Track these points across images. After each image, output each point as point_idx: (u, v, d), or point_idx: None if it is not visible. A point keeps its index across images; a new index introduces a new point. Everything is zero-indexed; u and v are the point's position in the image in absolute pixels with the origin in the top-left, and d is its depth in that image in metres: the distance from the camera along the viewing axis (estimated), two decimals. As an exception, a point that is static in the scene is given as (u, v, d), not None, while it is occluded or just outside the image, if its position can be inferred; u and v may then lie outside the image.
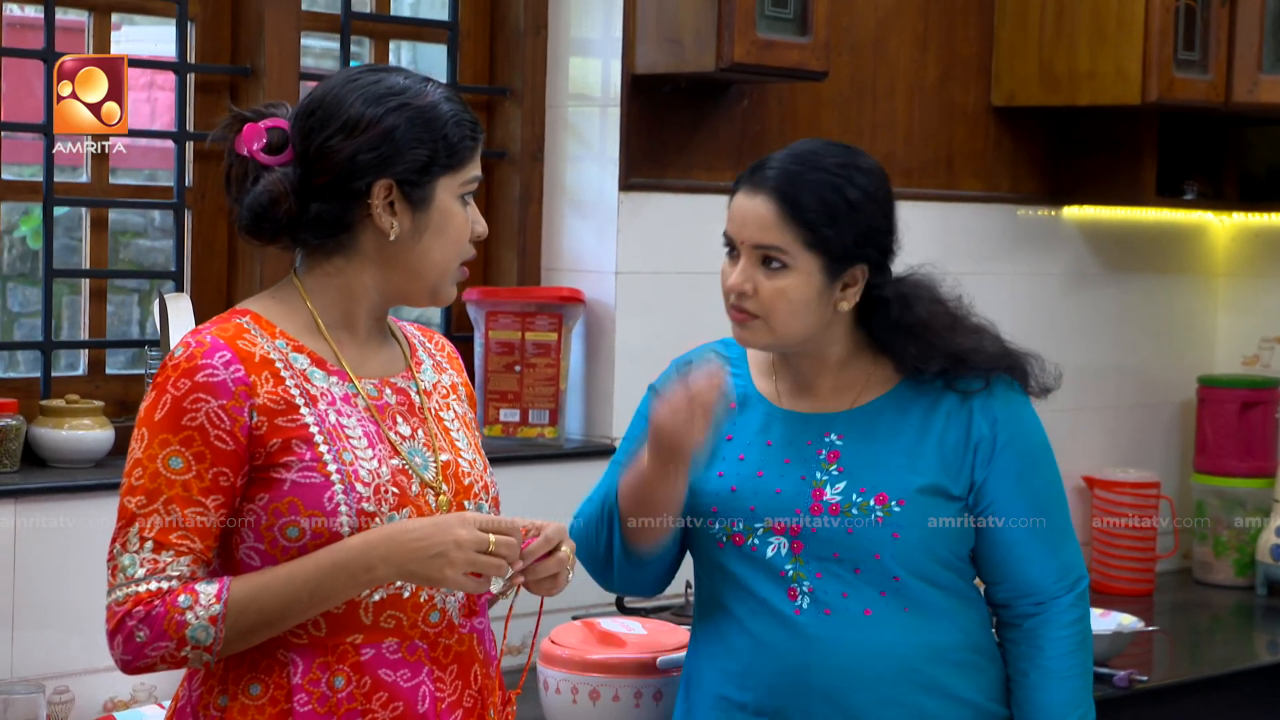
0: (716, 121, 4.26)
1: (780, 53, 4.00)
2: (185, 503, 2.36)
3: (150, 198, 4.04)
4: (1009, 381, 2.99)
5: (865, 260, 2.91)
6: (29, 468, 3.45)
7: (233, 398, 2.38)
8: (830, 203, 2.86)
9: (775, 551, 2.92)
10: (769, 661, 2.91)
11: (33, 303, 5.88)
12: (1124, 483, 5.01)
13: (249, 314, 2.49)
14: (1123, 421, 5.23)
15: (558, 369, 4.05)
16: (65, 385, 3.61)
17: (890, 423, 2.95)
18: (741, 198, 2.91)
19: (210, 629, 2.34)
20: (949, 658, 2.93)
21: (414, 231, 2.47)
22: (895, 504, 2.89)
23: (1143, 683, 3.98)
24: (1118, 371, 5.21)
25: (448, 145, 2.46)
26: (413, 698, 2.45)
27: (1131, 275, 5.23)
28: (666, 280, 4.17)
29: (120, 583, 2.36)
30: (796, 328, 2.90)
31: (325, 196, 2.46)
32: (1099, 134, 4.95)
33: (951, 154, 4.78)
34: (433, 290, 2.52)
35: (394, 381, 2.55)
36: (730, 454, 2.98)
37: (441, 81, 2.53)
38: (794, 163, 2.90)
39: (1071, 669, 2.98)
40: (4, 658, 3.28)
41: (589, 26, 4.15)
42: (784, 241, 2.86)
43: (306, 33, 3.91)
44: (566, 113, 4.19)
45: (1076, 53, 4.68)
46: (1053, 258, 5.04)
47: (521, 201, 4.18)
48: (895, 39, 4.63)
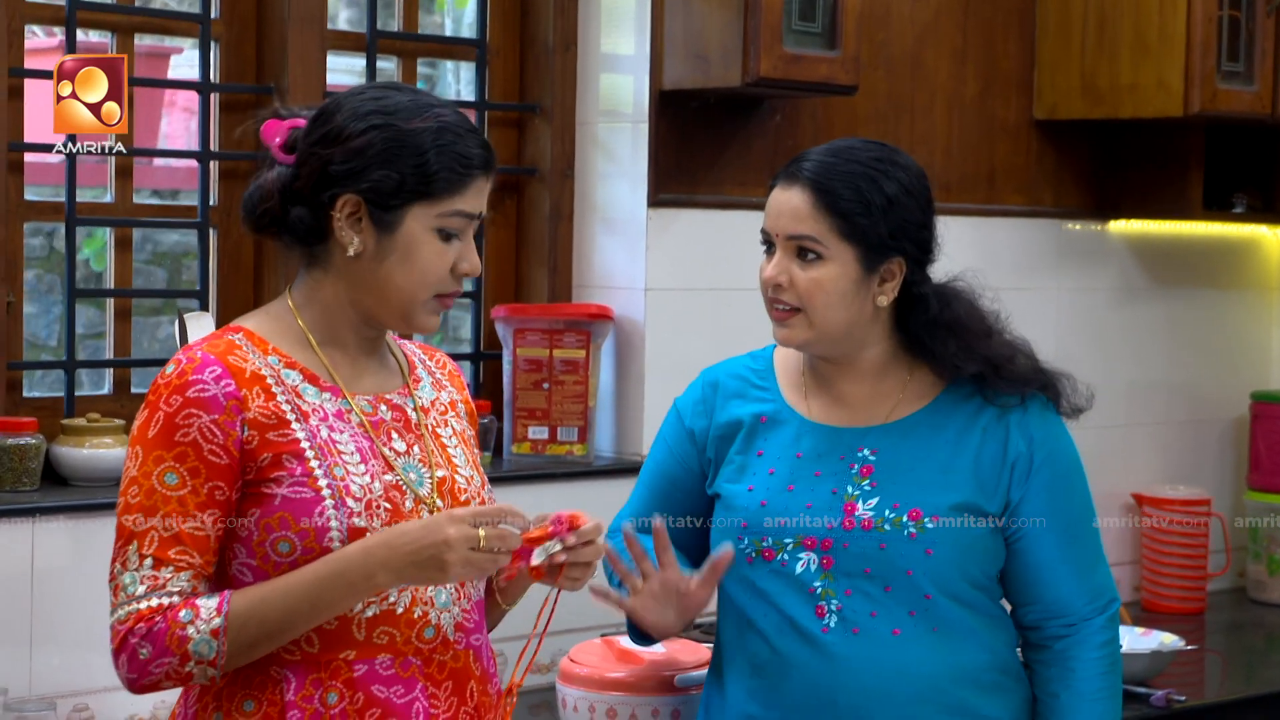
0: (749, 137, 4.24)
1: (808, 67, 3.98)
2: (183, 517, 2.36)
3: (175, 216, 4.05)
4: (1044, 401, 2.95)
5: (902, 254, 2.87)
6: (49, 486, 3.46)
7: (224, 412, 2.38)
8: (865, 193, 2.83)
9: (805, 567, 2.88)
10: (794, 680, 2.87)
11: (97, 324, 5.92)
12: (1174, 500, 4.94)
13: (242, 331, 2.49)
14: (1173, 438, 5.16)
15: (586, 386, 4.04)
16: (89, 404, 3.62)
17: (925, 438, 2.91)
18: (778, 191, 2.89)
19: (212, 642, 2.33)
20: (976, 679, 2.88)
21: (378, 253, 2.45)
22: (929, 520, 2.85)
23: (1181, 703, 3.92)
24: (1168, 387, 5.14)
25: (423, 173, 2.42)
26: (406, 714, 2.43)
27: (1181, 290, 5.16)
28: (697, 296, 4.14)
29: (122, 601, 2.36)
30: (835, 320, 2.86)
31: (301, 202, 2.46)
32: (1144, 147, 4.89)
33: (993, 168, 4.73)
34: (402, 316, 2.48)
35: (389, 398, 2.54)
36: (760, 468, 2.94)
37: (459, 111, 2.49)
38: (830, 155, 2.88)
39: (1102, 691, 2.93)
40: (23, 676, 3.29)
41: (618, 42, 4.14)
42: (819, 231, 2.83)
43: (333, 52, 3.91)
44: (596, 129, 4.18)
45: (1119, 65, 4.63)
46: (1099, 272, 4.99)
47: (552, 219, 4.17)
48: (933, 53, 4.59)
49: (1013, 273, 4.75)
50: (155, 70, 3.78)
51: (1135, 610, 4.91)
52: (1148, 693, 3.91)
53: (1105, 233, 4.99)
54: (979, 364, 2.90)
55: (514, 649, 3.84)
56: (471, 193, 2.46)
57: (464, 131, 2.46)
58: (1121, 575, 5.03)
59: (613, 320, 4.09)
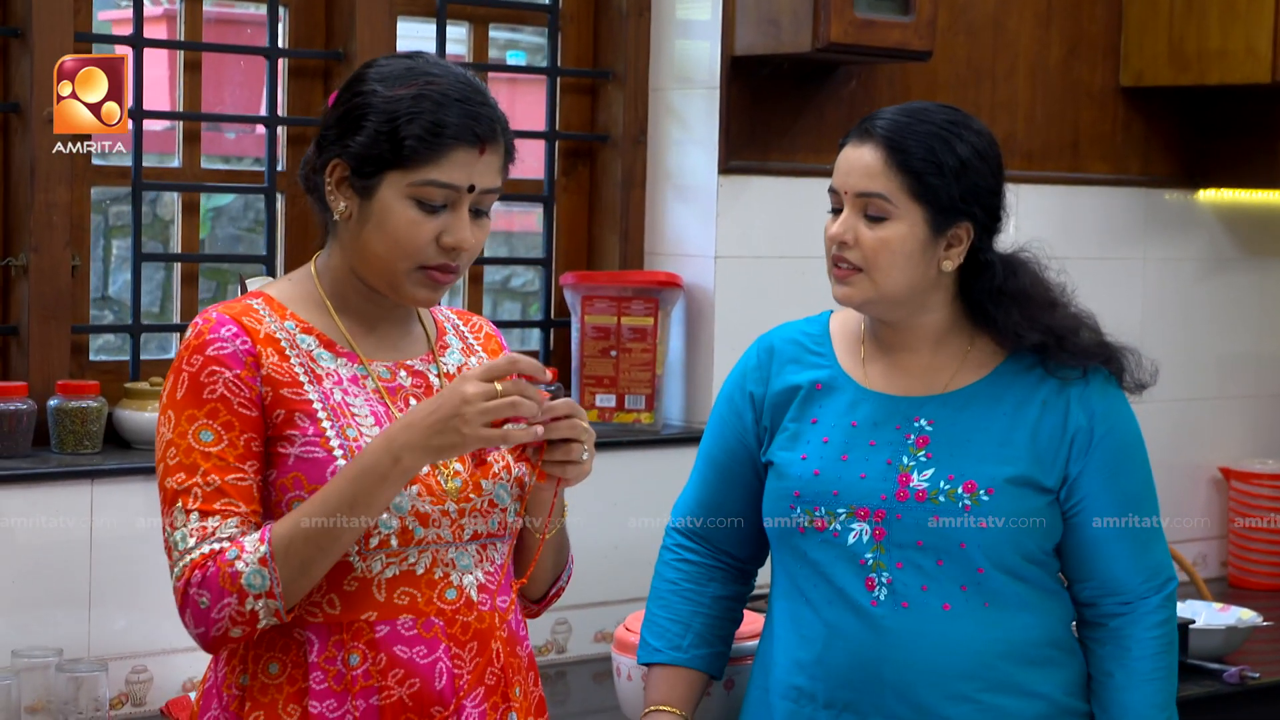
0: (823, 103, 4.19)
1: (880, 32, 3.93)
2: (224, 470, 2.37)
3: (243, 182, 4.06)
4: (1106, 375, 2.90)
5: (971, 218, 2.83)
6: (111, 449, 3.49)
7: (245, 367, 2.40)
8: (939, 154, 2.79)
9: (857, 538, 2.84)
10: (842, 652, 2.84)
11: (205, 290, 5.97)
12: (1262, 474, 4.86)
13: (262, 296, 2.51)
14: (1263, 411, 5.06)
15: (654, 354, 4.02)
16: (154, 368, 3.65)
17: (983, 409, 2.87)
18: (849, 149, 2.86)
19: (263, 571, 2.33)
20: (1027, 654, 2.84)
21: (359, 219, 2.45)
22: (984, 493, 2.81)
23: (1255, 679, 3.85)
24: (1257, 359, 5.05)
25: (394, 140, 2.40)
26: (429, 674, 2.42)
27: (1273, 260, 5.06)
28: (767, 264, 4.11)
29: (176, 559, 2.37)
30: (899, 281, 2.82)
31: (314, 166, 2.49)
32: (1235, 114, 4.80)
33: (1077, 136, 4.66)
34: (389, 285, 2.47)
35: (410, 364, 2.53)
36: (814, 436, 2.91)
37: (468, 81, 2.45)
38: (904, 115, 2.84)
39: (1158, 671, 2.88)
40: (81, 637, 3.32)
41: (691, 7, 4.10)
42: (888, 189, 2.79)
43: (403, 17, 3.91)
44: (669, 95, 4.15)
45: (1207, 30, 4.54)
46: (1188, 242, 4.90)
47: (624, 185, 4.15)
48: (1015, 18, 4.52)
49: (1097, 243, 4.68)
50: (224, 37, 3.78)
51: (1221, 586, 4.85)
52: (1221, 669, 3.85)
53: (1194, 202, 4.90)
54: (1041, 334, 2.85)
55: (576, 616, 3.89)
56: (451, 163, 2.41)
57: (450, 100, 2.42)
58: (1208, 550, 4.96)
59: (682, 288, 4.06)
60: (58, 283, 3.48)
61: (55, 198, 3.47)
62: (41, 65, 3.41)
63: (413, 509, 2.42)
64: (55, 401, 3.43)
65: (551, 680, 3.80)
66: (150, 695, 3.38)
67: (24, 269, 3.47)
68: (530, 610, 2.68)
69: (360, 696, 2.40)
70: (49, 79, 3.40)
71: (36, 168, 3.44)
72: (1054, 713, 2.86)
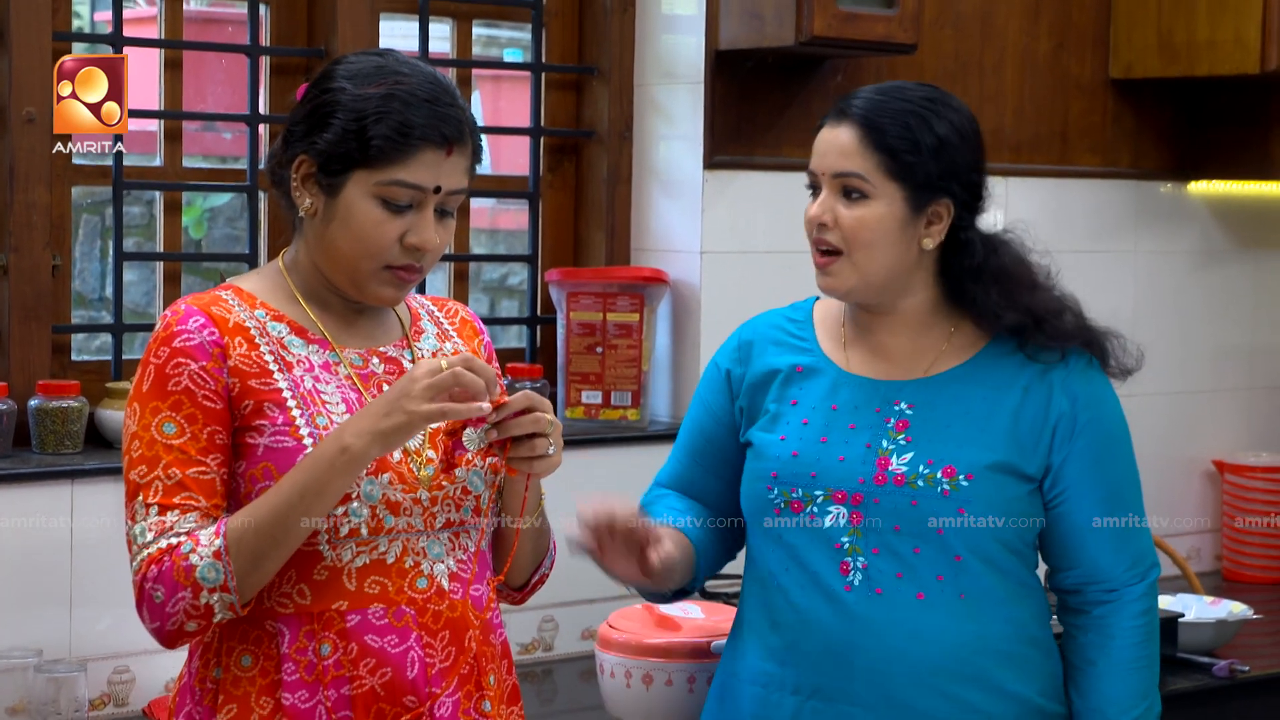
0: (808, 97, 4.18)
1: (864, 25, 3.92)
2: (185, 464, 2.37)
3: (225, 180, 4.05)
4: (1088, 358, 2.88)
5: (950, 196, 2.81)
6: (92, 449, 3.48)
7: (211, 358, 2.39)
8: (915, 132, 2.78)
9: (834, 521, 2.81)
10: (813, 638, 2.81)
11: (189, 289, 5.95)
12: (1256, 467, 4.84)
13: (231, 288, 2.51)
14: (1256, 404, 5.04)
15: (639, 350, 4.00)
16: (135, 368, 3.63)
17: (963, 394, 2.85)
18: (825, 130, 2.85)
19: (217, 564, 2.33)
20: (999, 649, 2.81)
21: (325, 216, 2.45)
22: (963, 478, 2.79)
23: (1244, 673, 3.83)
24: (1250, 352, 5.03)
25: (362, 139, 2.40)
26: (401, 663, 2.42)
27: (1266, 252, 5.04)
28: (753, 259, 4.10)
29: (135, 553, 2.38)
30: (880, 262, 2.80)
31: (282, 161, 2.49)
32: (1226, 105, 4.78)
33: (1066, 128, 4.64)
34: (352, 283, 2.47)
35: (383, 350, 2.53)
36: (794, 418, 2.88)
37: (437, 81, 2.45)
38: (880, 94, 2.83)
39: (1140, 660, 2.86)
40: (63, 637, 3.31)
41: (676, 2, 4.09)
42: (865, 169, 2.78)
43: (385, 14, 3.90)
44: (653, 91, 4.14)
45: (1195, 21, 4.52)
46: (1179, 235, 4.88)
47: (609, 181, 4.14)
48: (1003, 10, 4.51)
49: (1088, 235, 4.67)
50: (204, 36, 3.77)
51: (1215, 579, 4.83)
52: (1210, 662, 3.83)
53: (1185, 194, 4.89)
54: (1020, 314, 2.83)
55: (562, 614, 3.88)
56: (418, 164, 2.42)
57: (418, 101, 2.42)
58: (1202, 544, 4.94)
59: (668, 284, 4.05)
60: (38, 283, 3.48)
61: (35, 198, 3.46)
62: (20, 64, 3.41)
63: (384, 497, 2.42)
64: (36, 401, 3.42)
65: (538, 678, 3.79)
66: (132, 695, 3.37)
67: (4, 269, 3.46)
68: (513, 598, 2.68)
69: (332, 686, 2.40)
70: (28, 78, 3.41)
71: (16, 168, 3.44)
72: (1027, 714, 2.83)
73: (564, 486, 2.60)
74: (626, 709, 3.26)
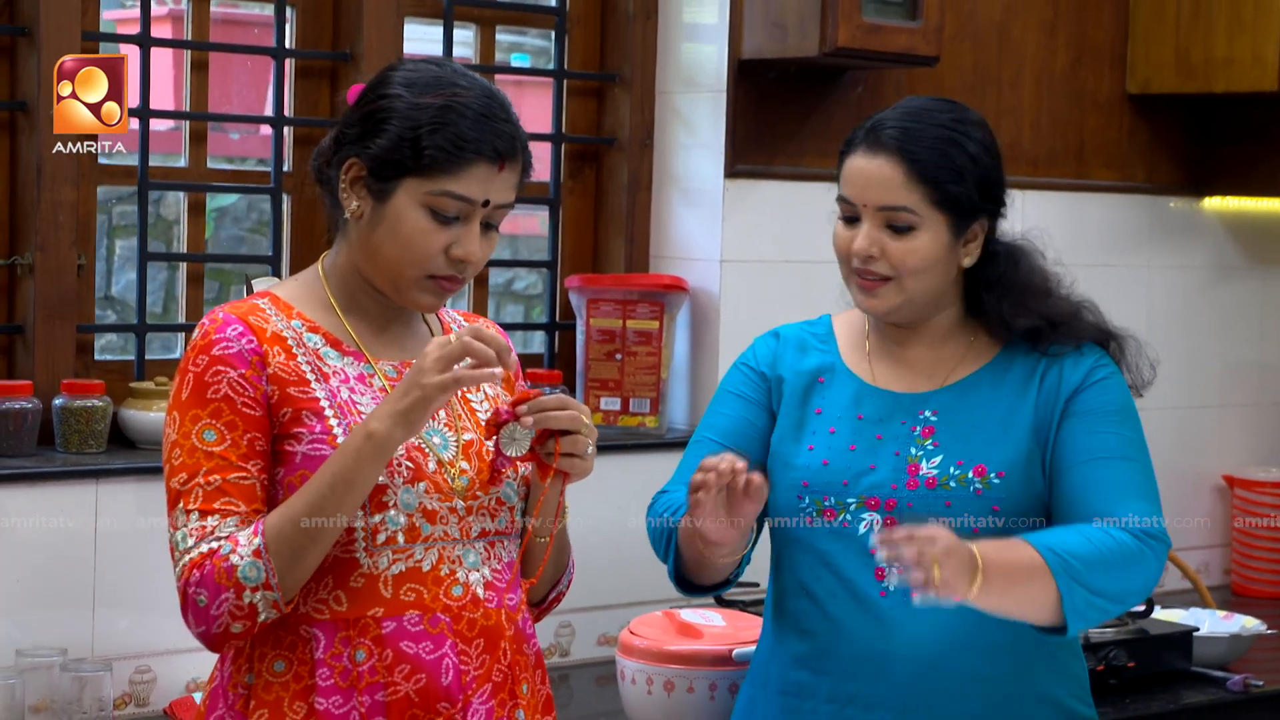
0: (830, 108, 4.19)
1: (888, 37, 3.93)
2: (225, 470, 2.38)
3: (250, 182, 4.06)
4: (1101, 352, 2.89)
5: (986, 214, 2.84)
6: (116, 448, 3.49)
7: (250, 366, 2.40)
8: (954, 158, 2.79)
9: (868, 528, 2.81)
10: (847, 645, 2.82)
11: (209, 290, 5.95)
12: (1265, 482, 4.86)
13: (268, 296, 2.52)
14: (1266, 419, 5.06)
15: (659, 357, 4.01)
16: (159, 368, 3.64)
17: (985, 395, 2.86)
18: (861, 159, 2.83)
19: (258, 563, 2.34)
20: (1032, 650, 2.81)
21: (372, 221, 2.46)
22: (995, 476, 2.80)
23: (1259, 688, 3.85)
24: (1261, 368, 5.04)
25: (416, 148, 2.41)
26: (436, 670, 2.43)
27: (1276, 268, 5.06)
28: (773, 269, 4.11)
29: (177, 559, 2.39)
30: (928, 286, 2.82)
31: (331, 162, 2.50)
32: (1241, 122, 4.80)
33: (1083, 143, 4.66)
34: (394, 288, 2.48)
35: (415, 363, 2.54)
36: (820, 427, 2.89)
37: (493, 95, 2.46)
38: (909, 119, 2.82)
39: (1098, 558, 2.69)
40: (85, 637, 3.32)
41: (699, 11, 4.10)
42: (912, 202, 2.79)
43: (410, 18, 3.90)
44: (675, 99, 4.15)
45: (1213, 39, 4.55)
46: (1193, 250, 4.90)
47: (630, 189, 4.15)
48: (1021, 24, 4.53)
49: (1102, 250, 4.68)
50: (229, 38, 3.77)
51: (1224, 594, 4.84)
52: (1225, 676, 3.84)
53: (1199, 209, 4.90)
54: (1034, 319, 2.85)
55: (579, 619, 3.89)
56: (469, 177, 2.43)
57: (474, 114, 2.43)
58: (1211, 558, 4.96)
59: (687, 292, 4.06)
60: (63, 282, 3.48)
61: (61, 197, 3.46)
62: (48, 64, 3.41)
63: (420, 506, 2.43)
64: (60, 401, 3.42)
65: (555, 684, 3.76)
66: (154, 696, 3.38)
67: (30, 268, 3.47)
68: (530, 615, 2.68)
69: (367, 693, 2.41)
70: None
71: (43, 167, 3.44)
72: (1059, 716, 2.85)
73: (580, 492, 2.60)
74: (647, 715, 3.27)
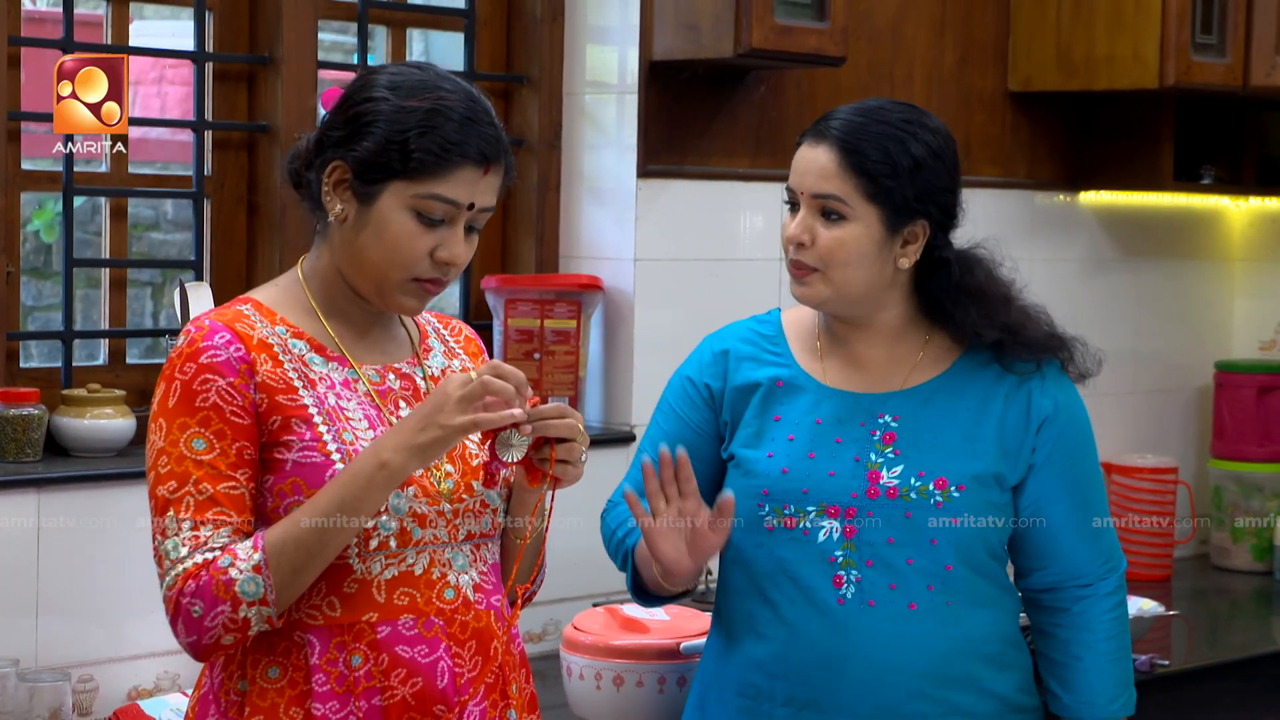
0: (735, 108, 4.25)
1: (798, 38, 4.00)
2: (216, 479, 2.38)
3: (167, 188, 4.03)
4: (1058, 366, 2.97)
5: (926, 217, 2.87)
6: (51, 457, 3.45)
7: (238, 375, 2.41)
8: (893, 155, 2.83)
9: (827, 536, 2.86)
10: (804, 650, 2.87)
11: (46, 296, 5.87)
12: (1142, 469, 4.99)
13: (251, 302, 2.52)
14: (1140, 407, 5.22)
15: (577, 356, 4.05)
16: (86, 375, 3.61)
17: (946, 405, 2.92)
18: (804, 149, 2.89)
19: (257, 578, 2.35)
20: (984, 652, 2.90)
21: (356, 224, 2.47)
22: (955, 489, 2.86)
23: (1164, 667, 3.97)
24: (1135, 357, 5.19)
25: (404, 151, 2.42)
26: (432, 673, 2.45)
27: (1149, 261, 5.22)
28: (686, 267, 4.16)
29: (167, 568, 2.37)
30: (855, 281, 2.86)
31: (311, 165, 2.51)
32: (1117, 119, 4.94)
33: (969, 140, 4.76)
34: (377, 292, 2.49)
35: (398, 367, 2.57)
36: (779, 434, 2.93)
37: (477, 99, 2.48)
38: (859, 115, 2.87)
39: (1121, 651, 2.97)
40: (28, 646, 3.28)
41: (606, 13, 4.14)
42: (844, 191, 2.83)
43: (324, 21, 3.90)
44: (584, 100, 4.19)
45: (1094, 37, 4.67)
46: (1070, 244, 5.03)
47: (539, 189, 4.18)
48: (913, 24, 4.62)
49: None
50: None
51: (1104, 576, 4.97)
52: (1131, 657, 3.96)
53: (1076, 204, 5.04)
54: (999, 331, 2.91)
55: (561, 610, 3.89)
56: (456, 180, 2.44)
57: (460, 118, 2.44)
58: (1090, 542, 5.08)
59: (603, 291, 4.10)
60: (-10, 289, 3.44)
61: (-13, 203, 3.43)
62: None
63: (410, 510, 2.45)
64: (-6, 409, 3.39)
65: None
66: (96, 704, 3.35)
67: (-43, 276, 3.43)
68: None
69: (364, 697, 2.42)
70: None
71: (-32, 173, 3.40)
72: (1006, 710, 2.93)
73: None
74: (596, 710, 3.31)
